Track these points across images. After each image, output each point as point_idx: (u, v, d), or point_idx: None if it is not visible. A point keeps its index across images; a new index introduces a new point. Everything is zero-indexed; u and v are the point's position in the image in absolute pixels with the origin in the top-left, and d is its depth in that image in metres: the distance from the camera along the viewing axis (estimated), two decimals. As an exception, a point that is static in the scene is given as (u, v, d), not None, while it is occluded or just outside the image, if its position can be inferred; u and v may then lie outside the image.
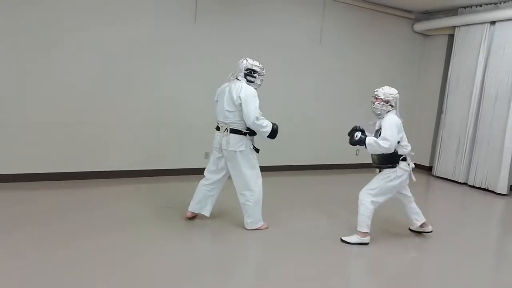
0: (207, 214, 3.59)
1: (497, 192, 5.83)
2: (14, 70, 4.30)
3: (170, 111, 5.23)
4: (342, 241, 3.42)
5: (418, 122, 7.64)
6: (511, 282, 3.04)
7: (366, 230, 3.38)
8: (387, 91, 3.54)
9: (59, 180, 4.60)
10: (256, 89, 3.45)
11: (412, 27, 7.21)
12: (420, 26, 7.08)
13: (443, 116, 6.82)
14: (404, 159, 3.41)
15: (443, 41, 7.12)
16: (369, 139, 3.33)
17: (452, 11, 6.71)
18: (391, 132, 3.27)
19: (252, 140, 3.49)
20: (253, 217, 3.47)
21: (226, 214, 3.88)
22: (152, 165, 5.22)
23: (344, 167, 6.96)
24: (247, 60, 3.46)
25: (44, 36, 4.38)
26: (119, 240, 3.09)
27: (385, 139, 3.24)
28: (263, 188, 3.49)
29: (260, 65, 3.48)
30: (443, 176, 6.74)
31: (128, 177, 5.02)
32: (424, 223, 3.68)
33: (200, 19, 5.22)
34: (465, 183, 6.41)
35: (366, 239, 3.40)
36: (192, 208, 3.60)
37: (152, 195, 4.42)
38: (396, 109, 3.53)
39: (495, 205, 5.39)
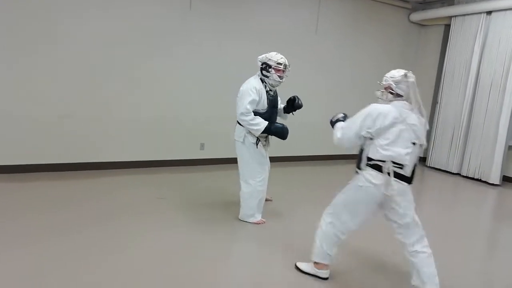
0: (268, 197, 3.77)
1: (489, 182, 5.89)
2: (13, 64, 4.23)
3: (164, 101, 5.19)
4: (296, 268, 2.68)
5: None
6: (499, 268, 3.10)
7: (322, 261, 2.53)
8: (388, 74, 2.53)
9: (56, 171, 4.59)
10: (273, 85, 3.38)
11: (409, 17, 7.18)
12: (417, 16, 7.05)
13: (438, 107, 6.85)
14: (377, 167, 2.30)
15: (439, 31, 7.10)
16: (337, 124, 2.62)
17: (449, 1, 6.69)
18: (351, 123, 2.47)
19: (256, 135, 3.33)
20: (245, 210, 3.48)
21: (228, 204, 3.89)
22: (148, 156, 5.21)
23: (344, 157, 6.99)
24: (267, 54, 3.36)
25: (39, 27, 4.30)
26: (116, 228, 3.10)
27: (341, 128, 2.52)
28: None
29: (279, 60, 3.29)
30: (437, 167, 6.80)
31: (125, 168, 5.00)
32: None
33: (195, 7, 5.15)
34: (458, 174, 6.48)
35: (322, 273, 2.54)
36: None
37: (148, 186, 4.42)
38: (408, 99, 2.44)
39: (487, 195, 5.46)
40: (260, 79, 3.38)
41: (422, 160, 7.38)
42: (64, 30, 4.45)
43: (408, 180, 2.37)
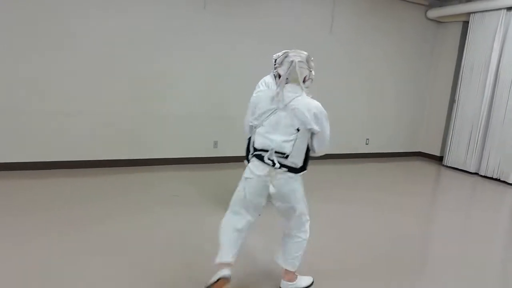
0: None
1: (509, 182, 5.75)
2: (27, 61, 4.34)
3: (178, 100, 5.24)
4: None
5: (429, 111, 7.54)
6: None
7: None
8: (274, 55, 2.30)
9: (71, 168, 4.69)
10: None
11: (426, 13, 7.05)
12: (434, 13, 6.92)
13: (455, 105, 6.71)
14: (258, 157, 2.15)
15: (457, 28, 6.96)
16: None
17: (467, -3, 6.55)
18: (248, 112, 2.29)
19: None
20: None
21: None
22: (162, 154, 5.27)
23: (353, 156, 6.94)
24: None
25: (54, 26, 4.40)
26: (130, 224, 3.15)
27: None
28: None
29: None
30: (454, 166, 6.67)
31: (139, 166, 5.08)
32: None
33: (209, 6, 5.18)
34: (476, 173, 6.35)
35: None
36: None
37: (162, 183, 4.47)
38: (278, 79, 2.18)
39: (506, 195, 5.33)
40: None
41: (439, 159, 7.25)
42: (78, 30, 4.53)
43: (295, 170, 2.15)
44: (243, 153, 3.63)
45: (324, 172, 5.77)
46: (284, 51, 2.22)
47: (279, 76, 2.16)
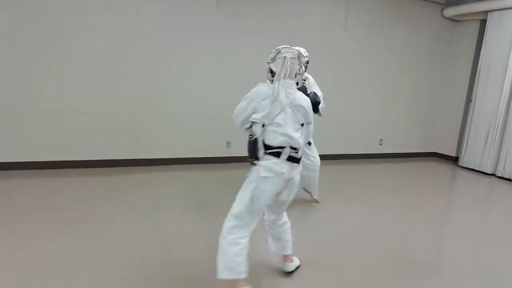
0: None
1: (527, 184, 5.64)
2: (36, 59, 4.44)
3: (191, 100, 5.29)
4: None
5: (445, 112, 7.42)
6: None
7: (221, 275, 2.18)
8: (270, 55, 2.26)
9: (84, 167, 4.79)
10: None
11: (442, 12, 6.94)
12: (450, 11, 6.80)
13: (471, 104, 6.59)
14: (275, 154, 2.16)
15: (475, 27, 6.82)
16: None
17: (485, -5, 6.42)
18: (241, 102, 2.29)
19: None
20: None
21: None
22: (175, 153, 5.32)
23: (367, 156, 6.89)
24: None
25: (64, 23, 4.49)
26: (139, 223, 3.21)
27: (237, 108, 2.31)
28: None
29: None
30: (470, 167, 6.56)
31: (152, 165, 5.15)
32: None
33: (222, 6, 5.20)
34: (493, 174, 6.23)
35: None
36: None
37: (175, 183, 4.53)
38: (269, 74, 2.26)
39: (524, 198, 5.21)
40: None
41: (454, 159, 7.14)
42: (96, 27, 4.61)
43: (298, 161, 2.25)
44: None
45: (337, 172, 5.75)
46: (276, 48, 2.23)
47: (271, 72, 2.22)
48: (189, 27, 5.08)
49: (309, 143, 3.65)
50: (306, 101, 2.22)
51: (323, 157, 6.38)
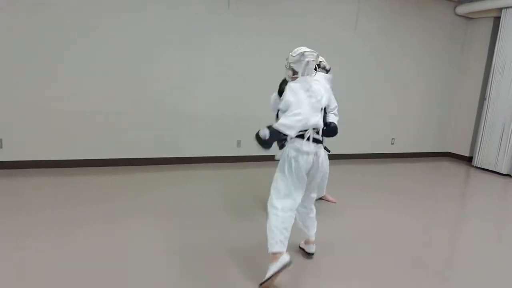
0: None
1: (544, 184, 5.51)
2: (52, 60, 4.50)
3: (201, 99, 5.31)
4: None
5: (459, 111, 7.31)
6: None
7: (274, 249, 2.38)
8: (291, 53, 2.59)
9: (91, 166, 4.83)
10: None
11: (454, 9, 6.84)
12: (463, 9, 6.70)
13: (486, 103, 6.48)
14: (300, 136, 2.47)
15: (488, 24, 6.71)
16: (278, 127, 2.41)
17: (499, -8, 6.30)
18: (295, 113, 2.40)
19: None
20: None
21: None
22: (185, 152, 5.34)
23: (378, 156, 6.82)
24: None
25: (77, 25, 4.55)
26: (148, 223, 3.22)
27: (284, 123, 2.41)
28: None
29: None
30: (484, 167, 6.44)
31: (161, 164, 5.18)
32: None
33: (233, 6, 5.21)
34: (508, 175, 6.10)
35: (282, 262, 2.32)
36: None
37: (185, 182, 4.54)
38: (290, 71, 2.60)
39: (541, 198, 5.10)
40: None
41: (468, 159, 7.02)
42: (106, 28, 4.66)
43: (320, 141, 2.60)
44: (266, 153, 3.66)
45: (348, 172, 5.70)
46: (300, 50, 2.56)
47: (293, 70, 2.59)
48: (200, 26, 5.10)
49: (328, 150, 3.41)
50: (324, 92, 2.57)
51: (334, 157, 6.39)
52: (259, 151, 2.49)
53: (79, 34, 4.53)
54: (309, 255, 2.84)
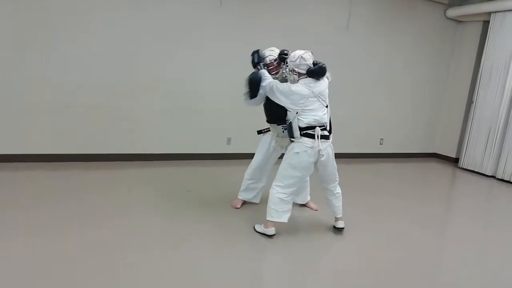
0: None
1: (527, 186, 5.63)
2: (48, 54, 4.45)
3: (192, 96, 5.28)
4: (255, 229, 3.18)
5: (447, 112, 7.41)
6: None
7: (272, 219, 3.05)
8: (289, 59, 3.05)
9: (84, 161, 4.79)
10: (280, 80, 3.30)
11: (445, 12, 6.93)
12: (454, 12, 6.79)
13: (473, 106, 6.58)
14: (308, 135, 2.96)
15: (477, 28, 6.81)
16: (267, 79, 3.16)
17: (489, -4, 6.40)
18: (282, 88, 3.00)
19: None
20: None
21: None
22: (175, 149, 5.32)
23: (366, 156, 6.89)
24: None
25: (70, 20, 4.49)
26: (140, 220, 3.22)
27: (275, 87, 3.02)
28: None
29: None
30: (470, 168, 6.55)
31: (153, 160, 5.15)
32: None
33: (225, 3, 5.20)
34: (493, 176, 6.23)
35: (269, 231, 3.06)
36: None
37: (175, 179, 4.54)
38: (292, 72, 3.07)
39: (524, 200, 5.21)
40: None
41: (455, 161, 7.14)
42: (100, 24, 4.62)
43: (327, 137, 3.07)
44: (255, 150, 3.68)
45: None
46: (298, 54, 2.96)
47: (294, 70, 3.01)
48: (190, 23, 5.07)
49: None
50: (326, 89, 3.12)
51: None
52: (248, 148, 2.51)
53: (72, 28, 4.48)
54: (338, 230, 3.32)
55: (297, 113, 2.94)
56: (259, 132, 3.60)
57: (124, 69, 4.84)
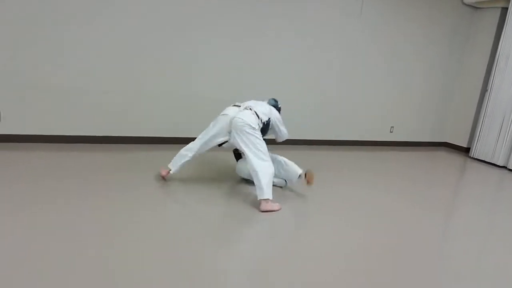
0: None
1: (539, 177, 5.55)
2: (59, 38, 4.46)
3: (196, 82, 5.28)
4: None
5: (459, 101, 7.29)
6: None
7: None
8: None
9: (94, 143, 4.85)
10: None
11: (462, -2, 6.74)
12: (471, -3, 6.61)
13: (487, 95, 6.45)
14: None
15: (495, 14, 6.62)
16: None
17: (508, -19, 6.20)
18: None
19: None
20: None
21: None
22: (178, 133, 5.35)
23: (376, 144, 6.84)
24: None
25: (85, 6, 4.49)
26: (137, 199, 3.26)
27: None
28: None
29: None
30: (481, 158, 6.48)
31: (158, 144, 5.19)
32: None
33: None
34: (504, 167, 6.14)
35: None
36: None
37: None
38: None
39: (535, 191, 5.14)
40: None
41: (466, 150, 7.05)
42: (101, 14, 4.60)
43: None
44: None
45: (345, 158, 5.73)
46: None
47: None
48: (197, 15, 5.02)
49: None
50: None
51: (332, 143, 6.40)
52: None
53: (82, 15, 4.48)
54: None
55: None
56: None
57: (133, 57, 4.83)
